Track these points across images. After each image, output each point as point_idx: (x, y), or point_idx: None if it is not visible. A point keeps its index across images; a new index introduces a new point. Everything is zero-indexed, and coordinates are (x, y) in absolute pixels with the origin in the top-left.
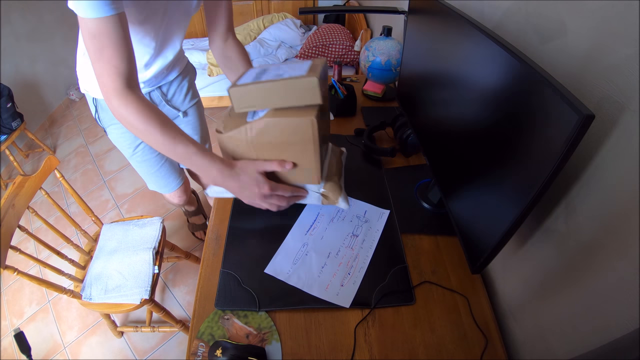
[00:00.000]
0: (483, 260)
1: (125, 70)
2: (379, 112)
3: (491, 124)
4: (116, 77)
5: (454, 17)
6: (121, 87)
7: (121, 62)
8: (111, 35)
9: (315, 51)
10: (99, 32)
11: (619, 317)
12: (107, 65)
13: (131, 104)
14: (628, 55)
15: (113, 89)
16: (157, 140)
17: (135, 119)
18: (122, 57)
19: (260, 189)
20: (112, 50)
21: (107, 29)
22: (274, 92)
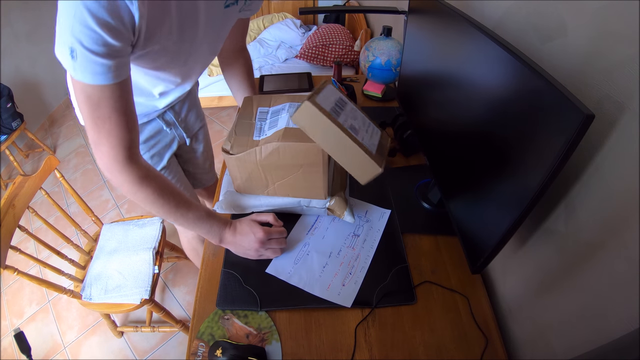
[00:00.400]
0: (483, 260)
1: (128, 141)
2: (379, 112)
3: (491, 123)
4: (119, 148)
5: (454, 17)
6: (123, 159)
7: (124, 132)
8: (114, 105)
9: (315, 51)
10: (98, 100)
11: (619, 317)
12: (107, 136)
13: (138, 179)
14: (628, 55)
15: (115, 161)
16: (169, 210)
17: (144, 193)
18: (125, 127)
19: (255, 235)
20: (115, 121)
21: (109, 97)
22: (341, 145)
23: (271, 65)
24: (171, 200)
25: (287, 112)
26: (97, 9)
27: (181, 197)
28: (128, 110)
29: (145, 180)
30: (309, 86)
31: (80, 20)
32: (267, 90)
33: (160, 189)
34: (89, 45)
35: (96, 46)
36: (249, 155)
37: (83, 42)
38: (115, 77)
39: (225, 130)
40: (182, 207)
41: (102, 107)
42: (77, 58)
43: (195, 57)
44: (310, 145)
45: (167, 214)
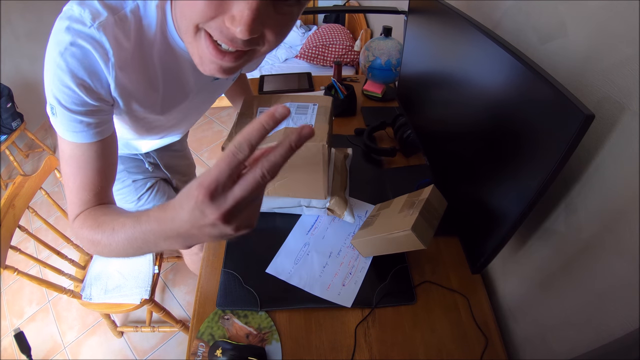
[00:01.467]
0: (483, 260)
1: (93, 200)
2: (379, 112)
3: (491, 124)
4: (76, 208)
5: (454, 17)
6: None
7: (90, 194)
8: (84, 164)
9: (315, 51)
10: (70, 154)
11: (619, 317)
12: (72, 193)
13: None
14: (628, 55)
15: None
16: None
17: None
18: (92, 190)
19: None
20: (80, 182)
21: (80, 155)
22: (384, 242)
23: (271, 65)
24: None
25: None
26: (76, 69)
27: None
28: (99, 172)
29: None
30: (309, 86)
31: (59, 79)
32: (267, 90)
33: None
34: (67, 104)
35: (74, 105)
36: None
37: (61, 100)
38: (91, 136)
39: (225, 130)
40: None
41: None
42: (57, 115)
43: (180, 118)
44: (311, 145)
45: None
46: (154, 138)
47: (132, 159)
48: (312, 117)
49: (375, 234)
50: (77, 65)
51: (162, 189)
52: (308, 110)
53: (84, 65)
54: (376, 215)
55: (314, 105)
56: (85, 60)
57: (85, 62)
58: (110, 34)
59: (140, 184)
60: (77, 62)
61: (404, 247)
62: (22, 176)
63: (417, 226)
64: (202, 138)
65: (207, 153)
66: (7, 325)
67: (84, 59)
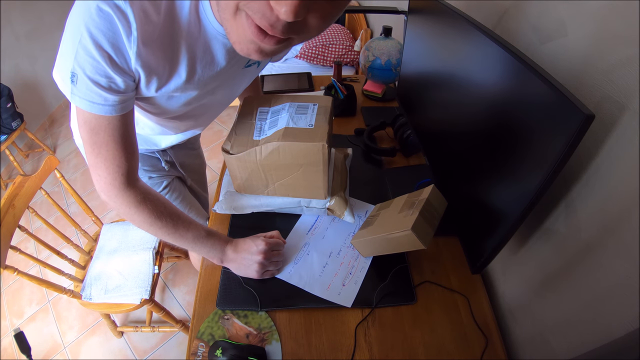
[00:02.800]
0: (483, 260)
1: (126, 168)
2: (379, 112)
3: (491, 123)
4: (116, 175)
5: (454, 17)
6: (120, 184)
7: (122, 160)
8: (113, 134)
9: (315, 51)
10: (95, 126)
11: (619, 317)
12: (104, 161)
13: (135, 202)
14: (628, 55)
15: (112, 186)
16: (168, 231)
17: (141, 216)
18: (123, 155)
19: (258, 247)
20: (113, 149)
21: (106, 127)
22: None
23: (271, 65)
24: (168, 221)
25: (287, 112)
26: (101, 41)
27: (180, 218)
28: (128, 139)
29: (142, 204)
30: (309, 86)
31: (84, 48)
32: (267, 90)
33: (157, 211)
34: (90, 74)
35: (98, 76)
36: (249, 155)
37: (85, 69)
38: (114, 110)
39: (225, 130)
40: (181, 228)
41: (99, 134)
42: (77, 83)
43: (202, 109)
44: (310, 145)
45: (165, 235)
46: (176, 131)
47: (149, 157)
48: (312, 117)
49: (375, 234)
50: (101, 37)
51: (178, 188)
52: (308, 110)
53: (107, 36)
54: (376, 215)
55: (314, 105)
56: (108, 32)
57: (108, 34)
58: (137, 5)
59: (157, 182)
60: (101, 34)
61: (404, 247)
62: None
63: (417, 226)
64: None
65: (207, 153)
66: (7, 325)
67: (107, 30)
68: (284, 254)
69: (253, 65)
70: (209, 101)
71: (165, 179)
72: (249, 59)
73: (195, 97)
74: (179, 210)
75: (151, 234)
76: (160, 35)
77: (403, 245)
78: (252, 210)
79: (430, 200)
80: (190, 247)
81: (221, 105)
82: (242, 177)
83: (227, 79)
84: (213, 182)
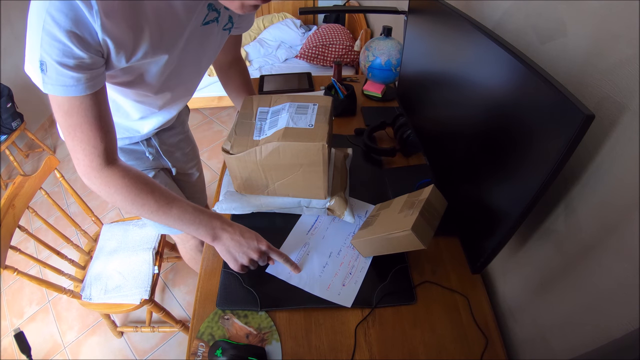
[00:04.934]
0: (483, 260)
1: (102, 149)
2: (379, 112)
3: (491, 124)
4: (93, 156)
5: (454, 17)
6: (98, 165)
7: (99, 141)
8: (85, 114)
9: (315, 51)
10: (68, 109)
11: (619, 317)
12: (80, 143)
13: (114, 181)
14: (628, 55)
15: (90, 167)
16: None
17: (121, 194)
18: (98, 135)
19: (259, 243)
20: (88, 130)
21: (79, 107)
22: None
23: (271, 65)
24: (150, 198)
25: (287, 112)
26: (64, 21)
27: (162, 194)
28: (102, 119)
29: (121, 182)
30: (309, 86)
31: (49, 33)
32: (267, 90)
33: (136, 189)
34: (58, 58)
35: (65, 58)
36: (249, 155)
37: (52, 55)
38: (87, 88)
39: (225, 130)
40: (164, 204)
41: (73, 116)
42: (47, 71)
43: (176, 78)
44: (311, 145)
45: (148, 213)
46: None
47: (132, 150)
48: (312, 117)
49: (375, 234)
50: (63, 18)
51: (163, 180)
52: (308, 110)
53: (69, 16)
54: (376, 215)
55: (314, 105)
56: (70, 11)
57: (70, 13)
58: None
59: None
60: (62, 15)
61: (404, 247)
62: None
63: (417, 226)
64: (202, 138)
65: (207, 153)
66: (7, 325)
67: (68, 10)
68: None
69: (212, 23)
70: (181, 66)
71: (150, 173)
72: (205, 16)
73: (167, 62)
74: (162, 187)
75: (134, 214)
76: (121, 4)
77: (403, 245)
78: (252, 210)
79: (430, 200)
80: (177, 225)
81: (193, 72)
82: (242, 177)
83: (191, 37)
84: (213, 182)
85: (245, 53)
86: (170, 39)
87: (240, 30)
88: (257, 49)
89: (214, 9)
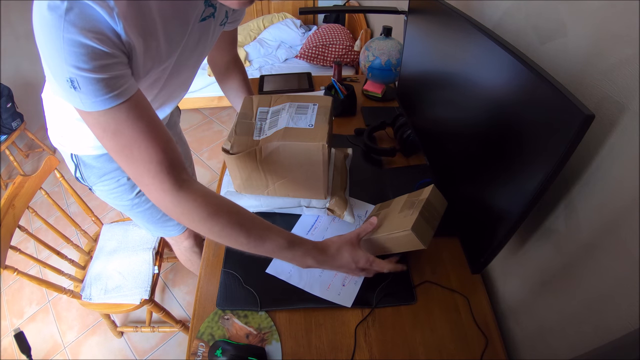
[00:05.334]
0: (483, 260)
1: (167, 161)
2: (379, 112)
3: (491, 124)
4: (162, 175)
5: (454, 17)
6: (171, 184)
7: (160, 154)
8: (137, 124)
9: (315, 51)
10: (118, 124)
11: (619, 317)
12: (144, 165)
13: (192, 202)
14: (628, 55)
15: (163, 190)
16: (239, 242)
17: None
18: (158, 146)
19: (357, 264)
20: (145, 143)
21: (129, 118)
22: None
23: (271, 65)
24: (254, 228)
25: (287, 112)
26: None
27: (263, 223)
28: (156, 126)
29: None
30: (309, 86)
31: (71, 41)
32: (267, 90)
33: (227, 220)
34: (87, 65)
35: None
36: (249, 155)
37: (80, 64)
38: (127, 91)
39: (225, 130)
40: (255, 239)
41: (124, 133)
42: (80, 86)
43: (174, 77)
44: (311, 145)
45: (238, 246)
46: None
47: None
48: (312, 117)
49: (375, 234)
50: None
51: None
52: (308, 110)
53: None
54: (376, 215)
55: (314, 105)
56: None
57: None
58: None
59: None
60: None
61: (404, 247)
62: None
63: (417, 226)
64: (202, 138)
65: (207, 153)
66: (7, 325)
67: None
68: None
69: (209, 19)
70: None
71: None
72: (202, 12)
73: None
74: (251, 216)
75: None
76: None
77: (403, 245)
78: (252, 210)
79: (430, 200)
80: (270, 255)
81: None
82: (242, 177)
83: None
84: (213, 182)
85: (245, 53)
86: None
87: (233, 24)
88: (257, 49)
89: (210, 4)
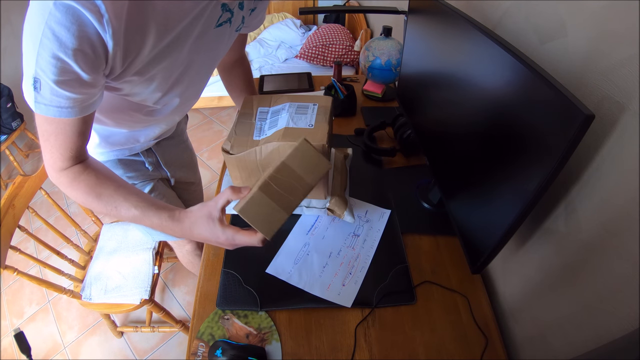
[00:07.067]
0: (483, 260)
1: (71, 153)
2: (379, 112)
3: (491, 124)
4: (60, 162)
5: (454, 17)
6: (59, 167)
7: (69, 148)
8: (70, 130)
9: (315, 51)
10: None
11: (619, 317)
12: (52, 149)
13: (66, 181)
14: (628, 55)
15: (52, 168)
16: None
17: (72, 192)
18: (72, 143)
19: (218, 240)
20: (63, 141)
21: (67, 127)
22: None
23: (271, 65)
24: (101, 197)
25: (287, 112)
26: (66, 37)
27: (117, 191)
28: (82, 134)
29: (74, 181)
30: (309, 86)
31: (47, 49)
32: (267, 90)
33: (89, 187)
34: (55, 77)
35: (64, 77)
36: (249, 155)
37: (48, 73)
38: (80, 111)
39: (225, 130)
40: (110, 209)
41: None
42: (41, 89)
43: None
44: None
45: (102, 211)
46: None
47: (131, 162)
48: (312, 117)
49: (263, 176)
50: (64, 33)
51: (161, 190)
52: (308, 110)
53: (72, 31)
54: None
55: (314, 105)
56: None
57: (73, 28)
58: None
59: (139, 187)
60: (64, 30)
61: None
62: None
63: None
64: (202, 138)
65: (207, 153)
66: (7, 325)
67: (72, 24)
68: None
69: (225, 25)
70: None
71: (148, 183)
72: (219, 17)
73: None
74: (116, 184)
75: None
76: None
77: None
78: None
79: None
80: (132, 221)
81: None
82: (242, 177)
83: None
84: (213, 182)
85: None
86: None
87: (249, 29)
88: (257, 49)
89: (228, 9)
